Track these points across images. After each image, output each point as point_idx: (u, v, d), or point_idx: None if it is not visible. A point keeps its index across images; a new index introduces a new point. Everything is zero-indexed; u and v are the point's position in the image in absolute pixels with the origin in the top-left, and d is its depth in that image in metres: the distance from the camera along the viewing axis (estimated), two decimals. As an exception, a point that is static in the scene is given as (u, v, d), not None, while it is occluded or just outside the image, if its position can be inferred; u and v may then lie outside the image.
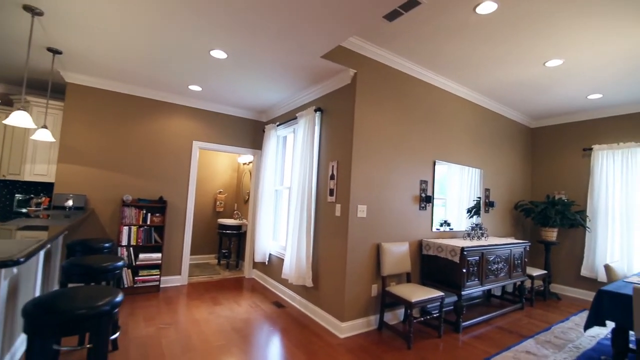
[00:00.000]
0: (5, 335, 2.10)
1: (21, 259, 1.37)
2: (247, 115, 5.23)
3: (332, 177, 3.47)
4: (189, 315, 3.46)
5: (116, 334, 2.65)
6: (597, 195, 4.80)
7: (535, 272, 4.44)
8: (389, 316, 3.51)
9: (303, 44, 2.83)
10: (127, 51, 3.21)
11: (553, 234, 4.90)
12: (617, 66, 3.43)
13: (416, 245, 3.81)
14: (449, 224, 4.20)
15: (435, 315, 3.34)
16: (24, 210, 4.07)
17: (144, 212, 4.20)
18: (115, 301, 1.74)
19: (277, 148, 4.94)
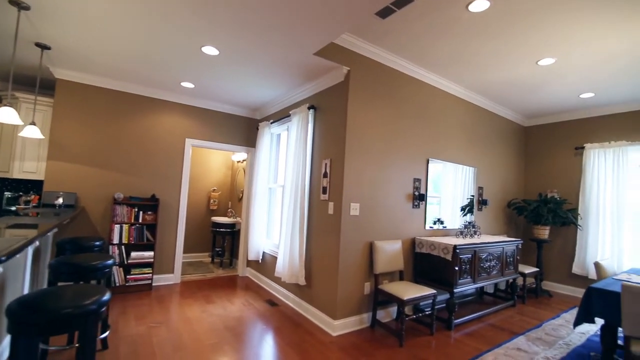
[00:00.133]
0: (-9, 335, 2.07)
1: (2, 257, 1.34)
2: (241, 112, 5.19)
3: (325, 175, 3.46)
4: (181, 314, 3.44)
5: (106, 332, 2.63)
6: (589, 193, 4.84)
7: (527, 270, 4.48)
8: (382, 314, 3.52)
9: (295, 40, 2.80)
10: (117, 47, 3.16)
11: (545, 232, 4.94)
12: (608, 65, 3.45)
13: (409, 243, 3.81)
14: (442, 222, 4.22)
15: (428, 312, 3.35)
16: (13, 208, 4.01)
17: (136, 210, 4.16)
18: (103, 300, 1.71)
19: (271, 146, 4.92)
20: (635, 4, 2.45)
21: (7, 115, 2.45)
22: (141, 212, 4.18)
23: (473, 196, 4.66)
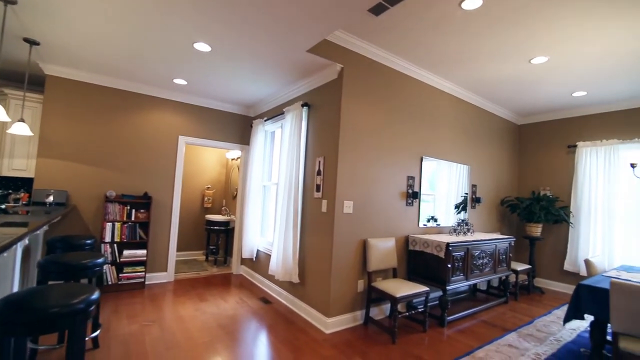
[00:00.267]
0: (-22, 335, 2.04)
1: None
2: (235, 110, 5.16)
3: (319, 173, 3.45)
4: (174, 312, 3.42)
5: (97, 331, 2.61)
6: (581, 191, 4.89)
7: (519, 267, 4.52)
8: (375, 311, 3.53)
9: (287, 37, 2.78)
10: (107, 43, 3.12)
11: (538, 229, 4.98)
12: (600, 64, 3.48)
13: (403, 241, 3.82)
14: (436, 220, 4.23)
15: (421, 310, 3.37)
16: (2, 206, 3.94)
17: (128, 208, 4.12)
18: (91, 299, 1.70)
19: (265, 143, 4.90)
20: (627, 3, 2.46)
21: (-6, 111, 2.41)
22: (133, 210, 4.15)
23: (467, 194, 4.68)
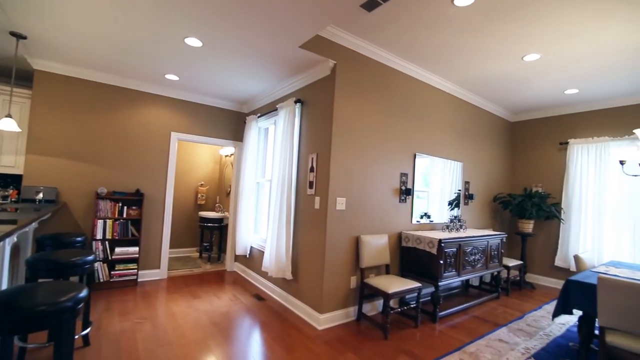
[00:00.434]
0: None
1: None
2: (228, 106, 5.12)
3: (312, 170, 3.44)
4: (166, 310, 3.41)
5: (87, 329, 2.59)
6: (572, 188, 4.94)
7: (511, 263, 4.57)
8: (368, 307, 3.55)
9: (280, 33, 2.76)
10: (97, 38, 3.06)
11: (529, 225, 5.03)
12: (592, 61, 3.50)
13: (395, 237, 3.84)
14: (429, 216, 4.25)
15: (413, 306, 3.39)
16: (-9, 203, 3.89)
17: (120, 205, 4.08)
18: (79, 297, 1.68)
19: (259, 140, 4.87)
20: (618, 1, 2.47)
21: (-21, 107, 2.36)
22: (125, 207, 4.11)
23: (460, 191, 4.71)
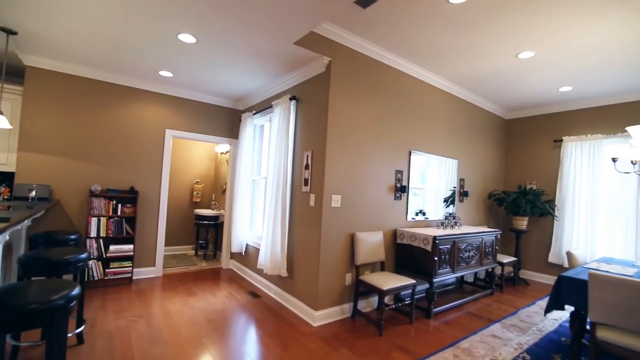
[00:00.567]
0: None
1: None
2: (223, 103, 5.09)
3: (307, 167, 3.44)
4: (161, 307, 3.40)
5: (81, 327, 2.58)
6: (566, 185, 4.98)
7: (505, 259, 4.60)
8: (363, 304, 3.56)
9: (273, 29, 2.74)
10: (89, 33, 3.03)
11: (524, 222, 5.07)
12: (585, 59, 3.52)
13: (391, 234, 3.85)
14: (424, 213, 4.27)
15: (408, 302, 3.41)
16: (-18, 201, 3.85)
17: (114, 202, 4.06)
18: (71, 295, 1.67)
19: (254, 137, 4.85)
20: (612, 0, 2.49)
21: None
22: (119, 205, 4.08)
23: (455, 188, 4.73)
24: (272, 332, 2.98)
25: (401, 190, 3.88)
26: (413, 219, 4.12)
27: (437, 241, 3.44)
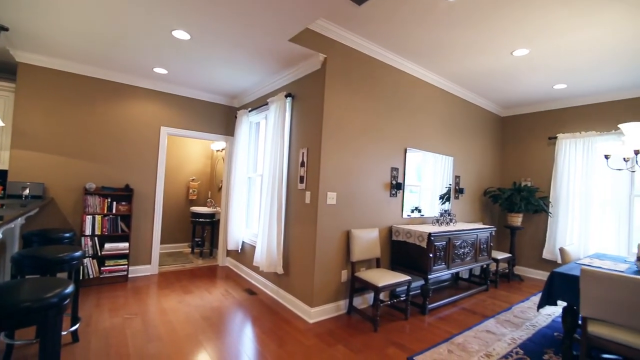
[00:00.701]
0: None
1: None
2: (219, 100, 5.07)
3: (303, 164, 3.44)
4: (157, 305, 3.40)
5: (76, 325, 2.57)
6: (560, 182, 5.03)
7: (500, 256, 4.64)
8: (359, 301, 3.58)
9: (267, 26, 2.73)
10: (82, 29, 3.00)
11: (518, 219, 5.11)
12: (580, 57, 3.54)
13: (386, 231, 3.87)
14: (420, 210, 4.29)
15: (403, 298, 3.43)
16: (-25, 199, 3.81)
17: (109, 200, 4.03)
18: (65, 293, 1.66)
19: (250, 134, 4.84)
20: (603, -4, 2.50)
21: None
22: (114, 203, 4.07)
23: (450, 185, 4.75)
24: (268, 329, 2.99)
25: (397, 187, 3.89)
26: (409, 216, 4.13)
27: (432, 238, 3.46)
